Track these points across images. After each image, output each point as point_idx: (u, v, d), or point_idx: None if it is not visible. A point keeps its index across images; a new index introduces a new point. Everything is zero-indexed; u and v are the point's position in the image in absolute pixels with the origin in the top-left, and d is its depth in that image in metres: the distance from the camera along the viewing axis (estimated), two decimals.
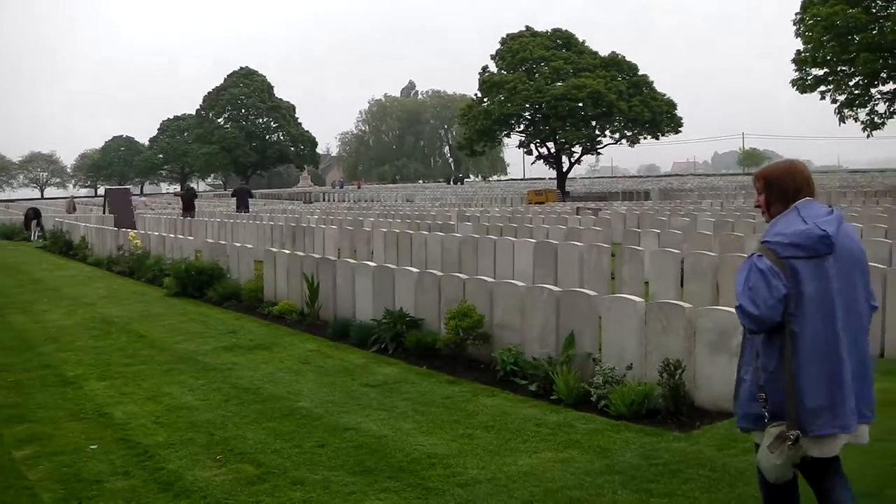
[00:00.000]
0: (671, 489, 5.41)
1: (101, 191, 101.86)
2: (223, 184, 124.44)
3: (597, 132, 59.12)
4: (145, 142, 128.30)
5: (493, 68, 60.62)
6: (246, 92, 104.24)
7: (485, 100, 59.52)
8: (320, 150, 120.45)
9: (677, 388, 6.90)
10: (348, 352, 10.16)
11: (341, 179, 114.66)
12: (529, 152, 62.76)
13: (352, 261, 12.56)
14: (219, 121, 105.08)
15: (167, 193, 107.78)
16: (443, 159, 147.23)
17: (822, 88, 41.12)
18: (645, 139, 59.90)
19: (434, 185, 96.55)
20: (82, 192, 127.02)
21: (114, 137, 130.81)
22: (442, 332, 9.41)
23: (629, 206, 34.32)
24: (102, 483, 5.96)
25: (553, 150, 60.37)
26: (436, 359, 9.28)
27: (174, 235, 22.01)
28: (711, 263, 11.31)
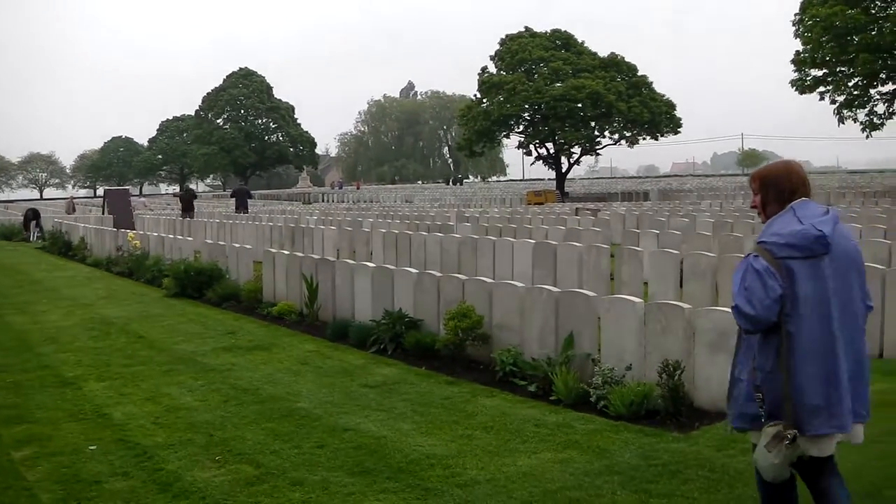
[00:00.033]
0: (670, 490, 5.42)
1: (100, 191, 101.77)
2: (222, 184, 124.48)
3: (596, 133, 59.10)
4: (144, 142, 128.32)
5: (492, 69, 60.60)
6: (245, 92, 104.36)
7: (484, 100, 59.47)
8: (319, 150, 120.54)
9: (676, 388, 6.90)
10: (347, 352, 10.16)
11: (340, 180, 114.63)
12: (528, 153, 62.79)
13: (351, 261, 12.56)
14: (218, 121, 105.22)
15: (166, 194, 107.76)
16: (442, 160, 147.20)
17: (822, 89, 41.12)
18: (644, 140, 59.90)
19: (433, 186, 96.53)
20: (81, 192, 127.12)
21: (113, 138, 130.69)
22: (441, 333, 9.41)
23: (628, 206, 34.29)
24: (101, 484, 5.96)
25: (552, 151, 60.32)
26: (435, 359, 9.28)
27: (173, 236, 22.00)
28: (710, 264, 11.31)
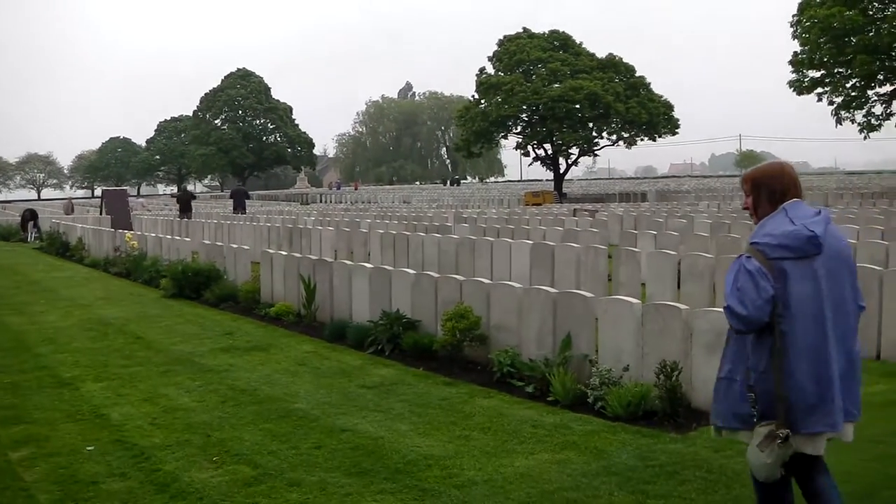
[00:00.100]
0: (667, 491, 5.42)
1: (97, 192, 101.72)
2: (220, 185, 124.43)
3: (594, 134, 59.07)
4: (142, 143, 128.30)
5: (490, 70, 60.60)
6: (243, 93, 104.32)
7: (482, 101, 59.45)
8: (317, 151, 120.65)
9: (674, 389, 6.90)
10: (345, 353, 10.16)
11: (338, 181, 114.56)
12: (526, 154, 62.76)
13: (349, 262, 12.57)
14: (216, 122, 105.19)
15: (164, 194, 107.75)
16: (440, 161, 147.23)
17: (819, 90, 41.10)
18: (642, 141, 59.88)
19: (431, 187, 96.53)
20: (79, 193, 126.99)
21: (111, 138, 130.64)
22: (439, 334, 9.41)
23: (626, 207, 34.29)
24: (99, 484, 5.96)
25: (550, 152, 60.30)
26: (432, 360, 9.27)
27: (171, 237, 22.00)
28: (708, 265, 11.32)
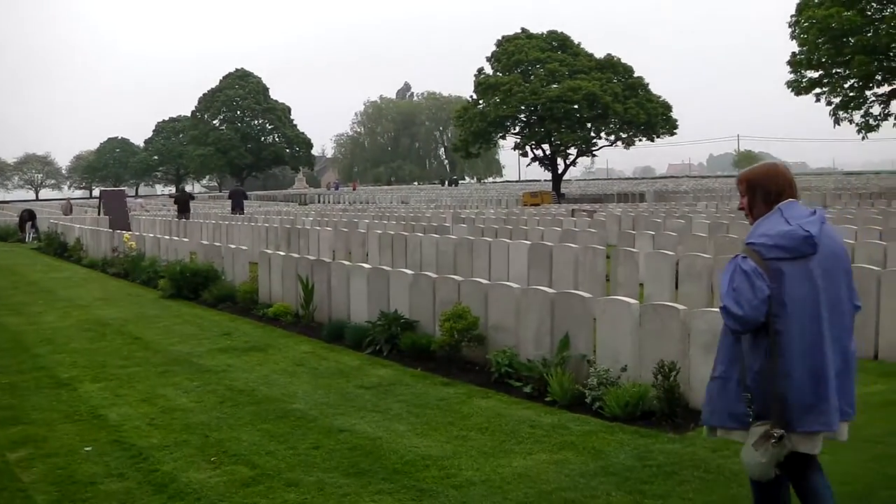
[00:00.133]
0: (666, 491, 5.42)
1: (95, 192, 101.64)
2: (218, 185, 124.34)
3: (592, 134, 59.04)
4: (140, 143, 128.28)
5: (488, 70, 60.60)
6: (241, 93, 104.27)
7: (480, 101, 59.42)
8: (315, 151, 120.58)
9: (672, 389, 6.90)
10: (343, 354, 10.16)
11: (336, 181, 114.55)
12: (525, 154, 62.72)
13: (347, 263, 12.56)
14: (214, 122, 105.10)
15: (162, 195, 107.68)
16: (438, 161, 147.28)
17: (818, 91, 41.13)
18: (640, 141, 59.91)
19: (429, 187, 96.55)
20: (77, 193, 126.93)
21: (109, 139, 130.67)
22: (437, 334, 9.41)
23: (624, 207, 34.27)
24: (97, 485, 5.95)
25: (548, 152, 60.31)
26: (430, 361, 9.27)
27: (169, 237, 21.99)
28: (706, 265, 11.33)
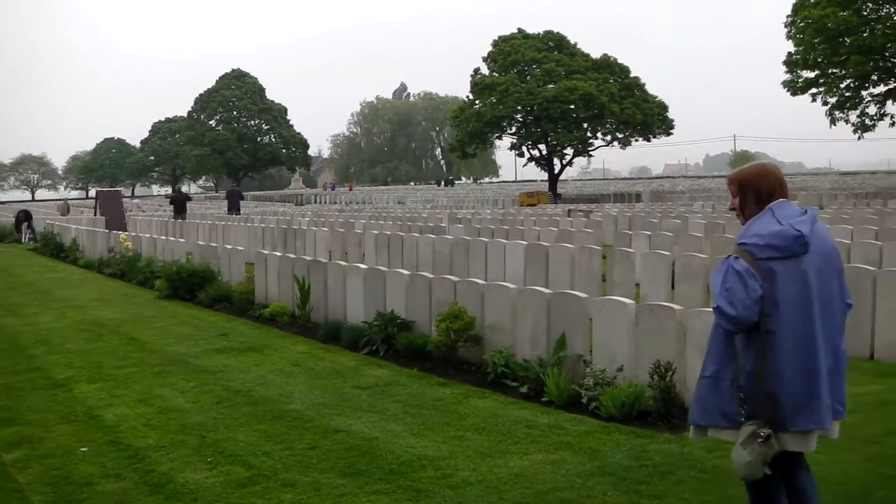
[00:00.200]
0: (662, 490, 5.43)
1: (92, 193, 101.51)
2: (214, 186, 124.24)
3: (588, 134, 59.07)
4: (137, 144, 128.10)
5: (484, 70, 60.59)
6: (237, 94, 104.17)
7: (476, 102, 59.45)
8: (312, 152, 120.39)
9: (668, 389, 6.91)
10: (339, 354, 10.15)
11: (333, 181, 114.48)
12: (521, 154, 62.64)
13: (343, 263, 12.56)
14: (210, 123, 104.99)
15: (158, 195, 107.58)
16: (434, 161, 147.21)
17: (814, 90, 41.18)
18: (636, 141, 59.97)
19: (426, 188, 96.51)
20: (73, 194, 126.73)
21: (105, 139, 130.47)
22: (433, 335, 9.41)
23: (620, 208, 34.33)
24: (93, 485, 5.95)
25: (544, 153, 60.30)
26: (427, 361, 9.27)
27: (165, 238, 21.99)
28: (702, 265, 11.33)
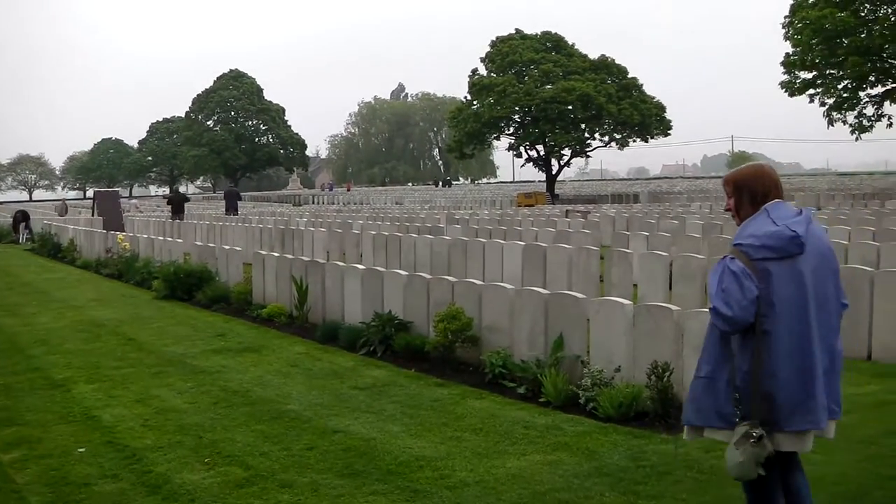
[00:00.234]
0: (659, 491, 5.44)
1: (89, 193, 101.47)
2: (212, 186, 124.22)
3: (586, 135, 59.17)
4: (134, 144, 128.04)
5: (482, 71, 60.68)
6: (235, 94, 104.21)
7: (474, 102, 59.52)
8: (310, 152, 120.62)
9: (665, 390, 6.91)
10: (337, 355, 10.15)
11: (331, 182, 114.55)
12: (519, 155, 62.80)
13: (341, 263, 12.56)
14: (208, 123, 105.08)
15: (156, 196, 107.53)
16: (432, 162, 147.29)
17: (811, 91, 41.27)
18: (634, 142, 60.04)
19: (423, 188, 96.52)
20: (71, 194, 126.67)
21: (103, 139, 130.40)
22: (431, 335, 9.41)
23: (618, 208, 34.33)
24: (91, 486, 5.95)
25: (542, 153, 60.39)
26: (424, 361, 9.27)
27: (163, 238, 21.99)
28: (700, 266, 11.33)
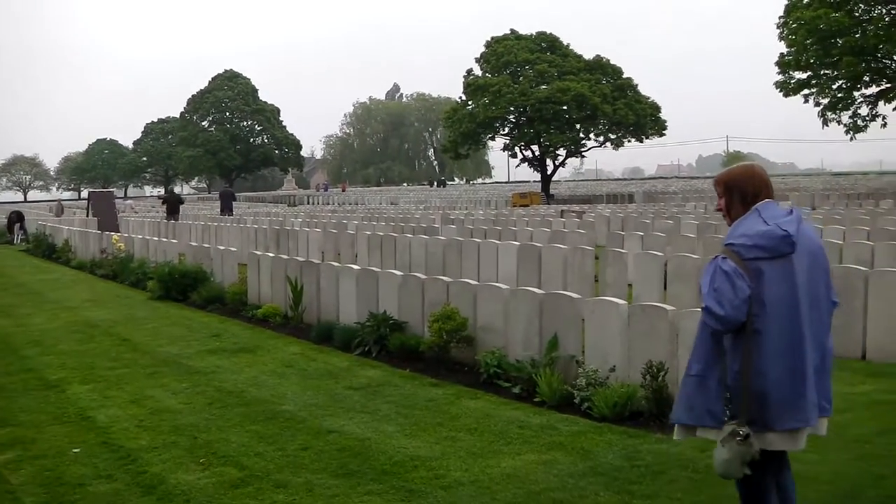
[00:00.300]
0: (654, 490, 5.45)
1: (84, 194, 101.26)
2: (207, 187, 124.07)
3: (581, 135, 59.13)
4: (129, 144, 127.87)
5: (477, 71, 60.64)
6: (230, 95, 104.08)
7: (469, 103, 59.46)
8: (305, 153, 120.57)
9: (660, 389, 6.92)
10: (332, 355, 10.15)
11: (326, 182, 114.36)
12: (514, 155, 62.78)
13: (336, 264, 12.56)
14: (203, 123, 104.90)
15: (151, 196, 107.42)
16: (427, 162, 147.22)
17: (806, 91, 41.34)
18: (629, 142, 60.03)
19: (418, 188, 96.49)
20: (66, 195, 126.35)
21: (97, 140, 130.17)
22: (425, 335, 9.41)
23: (613, 208, 34.31)
24: (85, 486, 5.94)
25: (537, 153, 60.38)
26: (419, 361, 9.27)
27: (158, 239, 21.96)
28: (695, 266, 11.34)
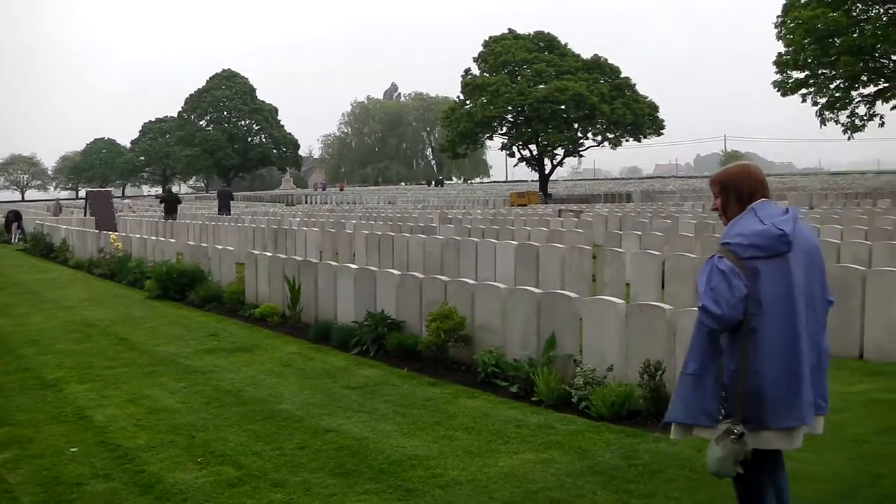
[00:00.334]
0: (651, 490, 5.45)
1: (82, 193, 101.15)
2: (205, 186, 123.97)
3: (579, 134, 59.12)
4: (127, 144, 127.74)
5: (475, 71, 60.62)
6: (228, 94, 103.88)
7: (467, 102, 59.42)
8: (303, 152, 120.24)
9: (658, 389, 6.93)
10: (330, 354, 10.15)
11: (323, 182, 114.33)
12: (512, 154, 62.74)
13: (333, 263, 12.55)
14: (201, 123, 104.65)
15: (148, 196, 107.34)
16: (425, 161, 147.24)
17: (804, 91, 41.38)
18: (627, 141, 60.05)
19: (417, 188, 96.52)
20: (63, 194, 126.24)
21: (95, 139, 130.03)
22: (423, 335, 9.41)
23: (611, 208, 34.34)
24: (83, 486, 5.94)
25: (535, 153, 60.39)
26: (417, 361, 9.27)
27: (155, 238, 21.94)
28: (693, 265, 11.33)
